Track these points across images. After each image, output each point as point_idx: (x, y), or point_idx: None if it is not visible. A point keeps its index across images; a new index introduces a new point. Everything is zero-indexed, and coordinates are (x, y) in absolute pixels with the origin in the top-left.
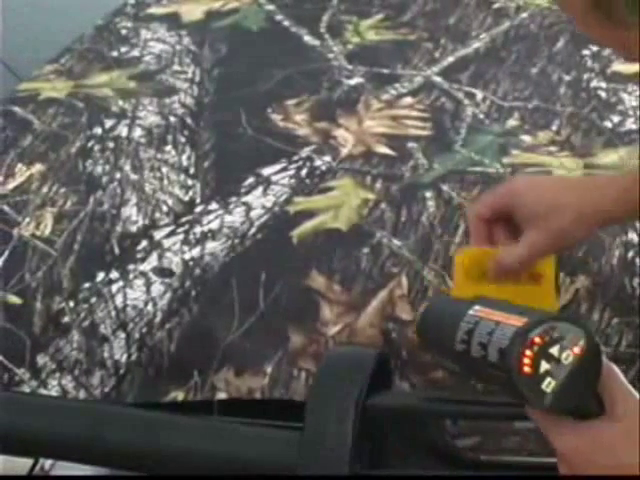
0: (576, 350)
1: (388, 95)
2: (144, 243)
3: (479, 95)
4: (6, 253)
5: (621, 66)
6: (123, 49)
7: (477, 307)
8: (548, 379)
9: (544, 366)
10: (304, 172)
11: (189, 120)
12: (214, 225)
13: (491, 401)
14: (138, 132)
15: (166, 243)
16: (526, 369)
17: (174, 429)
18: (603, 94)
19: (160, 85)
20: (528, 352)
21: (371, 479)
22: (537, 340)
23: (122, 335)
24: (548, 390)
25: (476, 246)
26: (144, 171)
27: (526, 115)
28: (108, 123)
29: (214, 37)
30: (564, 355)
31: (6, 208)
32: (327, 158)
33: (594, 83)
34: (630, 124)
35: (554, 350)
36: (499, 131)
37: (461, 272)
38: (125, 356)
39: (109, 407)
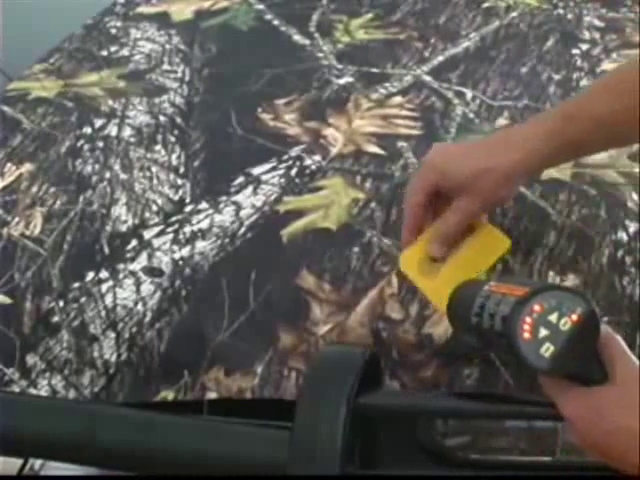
0: (574, 317)
1: (378, 94)
2: (134, 242)
3: (469, 94)
4: None
5: (611, 65)
6: (113, 48)
7: (492, 283)
8: (547, 344)
9: (543, 332)
10: (294, 171)
11: (179, 119)
12: (204, 224)
13: (482, 399)
14: (128, 131)
15: (156, 242)
16: (526, 335)
17: (164, 429)
18: None
19: (150, 84)
20: (528, 319)
21: (361, 479)
22: (536, 308)
23: (112, 335)
24: (547, 355)
25: (406, 234)
26: (134, 170)
27: (516, 114)
28: (98, 122)
29: (204, 36)
30: (562, 322)
31: None
32: (317, 157)
33: (584, 82)
34: None
35: (552, 317)
36: (489, 130)
37: (416, 276)
38: (115, 356)
39: (99, 407)
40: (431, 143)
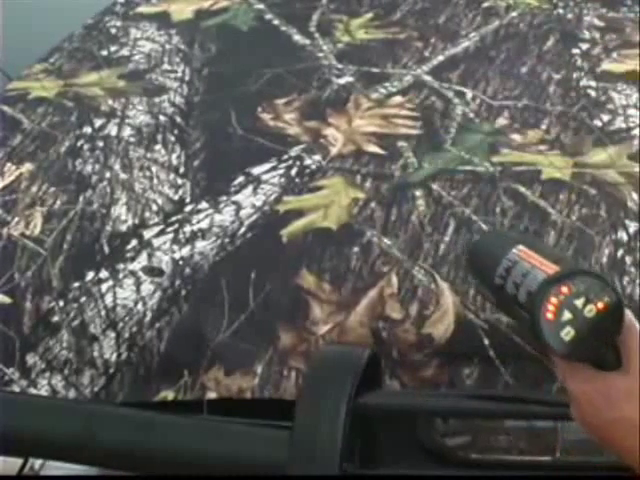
0: (600, 305)
1: (378, 94)
2: (134, 242)
3: (469, 94)
4: None
5: (611, 65)
6: (113, 48)
7: (520, 247)
8: (568, 328)
9: (566, 315)
10: (294, 171)
11: (179, 119)
12: (204, 224)
13: (482, 399)
14: (128, 131)
15: (156, 242)
16: (549, 315)
17: (164, 429)
18: (593, 93)
19: (150, 84)
20: (553, 299)
21: (361, 478)
22: (564, 290)
23: (112, 334)
24: (567, 339)
25: None
26: (134, 170)
27: (516, 114)
28: (98, 122)
29: (204, 36)
30: (587, 308)
31: None
32: (317, 157)
33: (584, 82)
34: (619, 123)
35: (578, 302)
36: (489, 130)
37: None
38: (115, 355)
39: (99, 407)
40: (431, 143)
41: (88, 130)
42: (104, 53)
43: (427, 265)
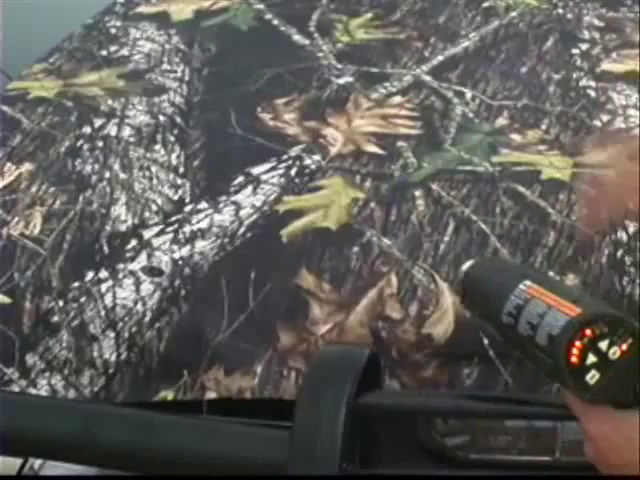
0: (624, 347)
1: (377, 94)
2: (133, 242)
3: (468, 94)
4: None
5: (610, 65)
6: (112, 48)
7: (528, 283)
8: (593, 372)
9: (591, 359)
10: (294, 171)
11: (178, 119)
12: (203, 224)
13: (481, 399)
14: (127, 131)
15: (155, 242)
16: (573, 359)
17: (164, 428)
18: (592, 93)
19: (149, 84)
20: (578, 343)
21: (361, 478)
22: (588, 333)
23: (111, 334)
24: (592, 382)
25: None
26: (133, 170)
27: (515, 114)
28: (97, 122)
29: (203, 36)
30: (612, 350)
31: None
32: (317, 157)
33: (583, 82)
34: (619, 123)
35: (603, 344)
36: (488, 130)
37: None
38: (115, 355)
39: (99, 407)
40: (431, 143)
41: (88, 130)
42: (104, 53)
43: (427, 265)
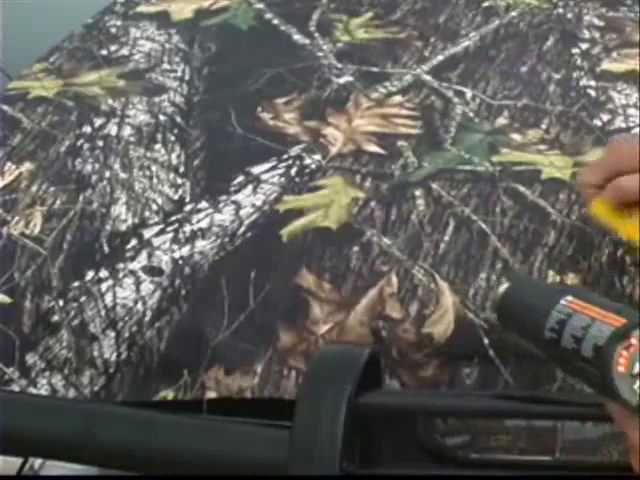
0: None
1: (378, 93)
2: (133, 242)
3: (469, 93)
4: None
5: (611, 64)
6: (112, 48)
7: (570, 298)
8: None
9: (637, 368)
10: (294, 171)
11: (179, 119)
12: (204, 224)
13: (482, 398)
14: (127, 131)
15: (156, 242)
16: (620, 369)
17: (164, 428)
18: (592, 92)
19: (149, 84)
20: (625, 352)
21: (361, 478)
22: (634, 341)
23: (112, 334)
24: (639, 391)
25: None
26: (133, 170)
27: (515, 113)
28: (97, 122)
29: (204, 35)
30: None
31: None
32: (317, 157)
33: (583, 82)
34: (619, 122)
35: None
36: (489, 129)
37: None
38: (115, 355)
39: (99, 406)
40: (431, 142)
41: (88, 129)
42: (104, 52)
43: (427, 265)
